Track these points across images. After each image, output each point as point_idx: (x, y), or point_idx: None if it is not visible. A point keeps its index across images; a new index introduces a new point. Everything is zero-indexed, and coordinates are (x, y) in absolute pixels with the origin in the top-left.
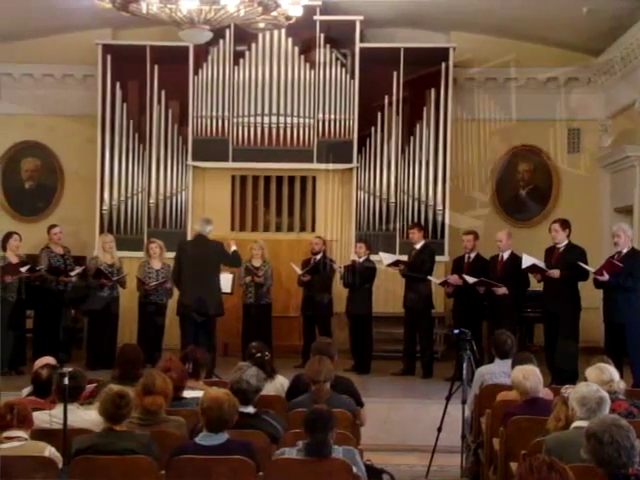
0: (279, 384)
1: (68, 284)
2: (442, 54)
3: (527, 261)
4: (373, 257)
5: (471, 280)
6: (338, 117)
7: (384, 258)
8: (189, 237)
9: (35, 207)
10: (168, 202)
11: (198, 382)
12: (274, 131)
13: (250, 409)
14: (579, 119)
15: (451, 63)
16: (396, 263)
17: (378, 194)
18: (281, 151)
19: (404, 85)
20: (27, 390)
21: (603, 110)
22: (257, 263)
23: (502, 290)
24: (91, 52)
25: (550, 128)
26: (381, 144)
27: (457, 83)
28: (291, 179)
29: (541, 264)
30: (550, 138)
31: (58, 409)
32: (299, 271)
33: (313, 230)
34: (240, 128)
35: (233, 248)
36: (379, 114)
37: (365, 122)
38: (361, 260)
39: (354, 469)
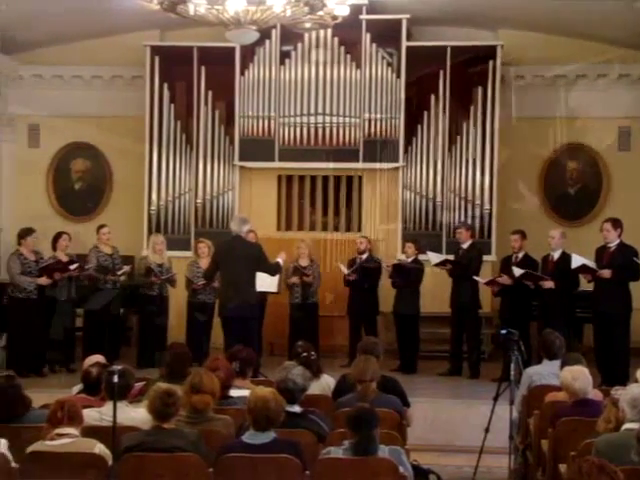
0: (325, 383)
1: (116, 283)
2: (489, 52)
3: (577, 261)
4: (421, 257)
5: (518, 272)
6: (384, 116)
7: (432, 257)
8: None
9: (85, 207)
10: (215, 202)
11: (245, 381)
12: (320, 131)
13: (296, 408)
14: (630, 116)
15: (499, 61)
16: (444, 263)
17: (424, 193)
18: (327, 150)
19: (451, 83)
20: (77, 388)
21: None
22: (304, 262)
23: (549, 284)
24: (139, 53)
25: (600, 126)
26: (427, 143)
27: (504, 81)
28: (337, 179)
29: (591, 264)
30: (600, 136)
31: (107, 407)
32: (345, 270)
33: (359, 230)
34: (286, 128)
35: (279, 260)
36: (425, 113)
37: (411, 121)
38: (409, 260)
39: (400, 469)
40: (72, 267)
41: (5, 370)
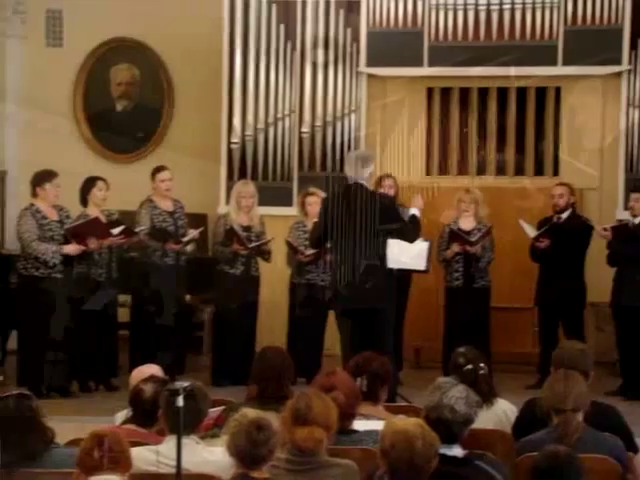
0: (501, 412)
1: (180, 255)
2: None
3: None
4: None
5: None
6: None
7: None
8: None
9: (131, 139)
10: (329, 131)
11: (376, 407)
12: (494, 17)
13: (456, 450)
14: None
15: None
16: None
17: None
18: (505, 48)
19: None
20: (123, 415)
21: None
22: (468, 224)
23: None
24: None
25: None
26: None
27: None
28: (521, 92)
29: None
30: None
31: (168, 444)
32: (531, 232)
33: (555, 174)
34: (440, 13)
35: (412, 211)
36: None
37: None
38: (637, 221)
39: None
40: (115, 231)
41: (16, 387)
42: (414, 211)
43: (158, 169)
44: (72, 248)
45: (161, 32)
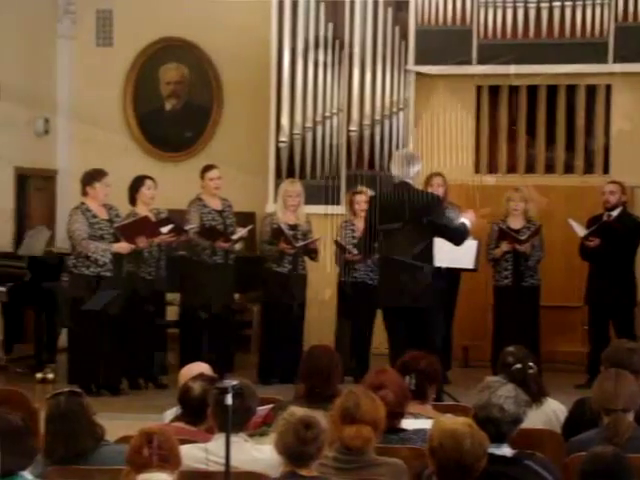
0: (551, 412)
1: (229, 254)
2: None
3: None
4: None
5: None
6: None
7: None
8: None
9: (180, 138)
10: (377, 129)
11: (424, 406)
12: (544, 14)
13: (505, 450)
14: None
15: None
16: None
17: None
18: (554, 45)
19: None
20: (172, 413)
21: None
22: (517, 223)
23: None
24: None
25: None
26: None
27: None
28: (570, 90)
29: None
30: None
31: (217, 442)
32: (581, 231)
33: (605, 172)
34: (489, 11)
35: (464, 220)
36: None
37: None
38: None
39: None
40: (165, 229)
41: (67, 385)
42: (465, 220)
43: (207, 168)
44: (122, 246)
45: (210, 31)
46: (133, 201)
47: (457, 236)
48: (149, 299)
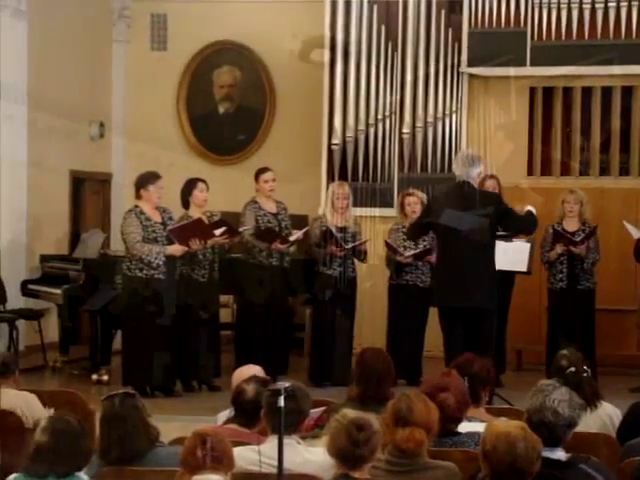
0: (606, 416)
1: (284, 256)
2: None
3: None
4: None
5: None
6: None
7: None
8: None
9: (233, 141)
10: (430, 131)
11: (478, 409)
12: (599, 15)
13: (559, 454)
14: None
15: None
16: None
17: None
18: (609, 46)
19: None
20: (225, 414)
21: None
22: (572, 226)
23: None
24: None
25: None
26: None
27: None
28: (626, 92)
29: None
30: None
31: (270, 444)
32: (636, 234)
33: None
34: (544, 12)
35: (529, 207)
36: None
37: None
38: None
39: None
40: (218, 231)
41: (122, 387)
42: (531, 208)
43: (262, 170)
44: (175, 249)
45: (262, 34)
46: (186, 204)
47: (529, 224)
48: (202, 302)
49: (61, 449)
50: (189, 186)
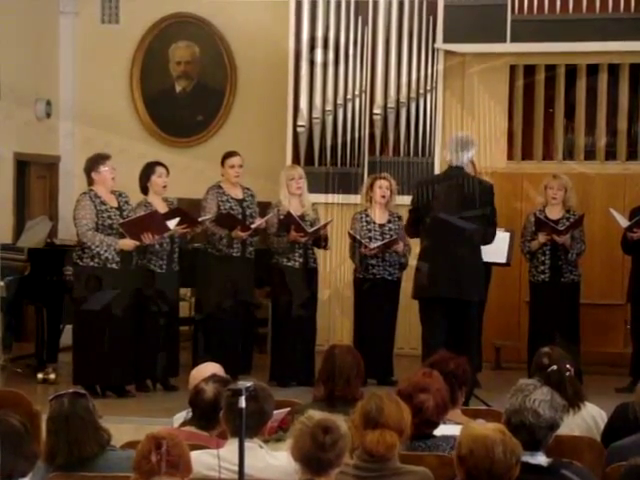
0: (590, 418)
1: (247, 246)
2: None
3: None
4: None
5: None
6: None
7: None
8: (438, 171)
9: (191, 122)
10: (403, 112)
11: (453, 410)
12: None
13: (540, 458)
14: None
15: None
16: None
17: None
18: (595, 21)
19: None
20: (182, 416)
21: None
22: (556, 214)
23: None
24: None
25: None
26: None
27: None
28: (612, 70)
29: None
30: None
31: (230, 448)
32: (623, 222)
33: None
34: None
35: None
36: None
37: None
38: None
39: None
40: (172, 223)
41: (70, 386)
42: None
43: (228, 154)
44: (126, 243)
45: (223, 7)
46: (145, 190)
47: (492, 236)
48: (160, 295)
49: (3, 452)
50: (147, 170)
